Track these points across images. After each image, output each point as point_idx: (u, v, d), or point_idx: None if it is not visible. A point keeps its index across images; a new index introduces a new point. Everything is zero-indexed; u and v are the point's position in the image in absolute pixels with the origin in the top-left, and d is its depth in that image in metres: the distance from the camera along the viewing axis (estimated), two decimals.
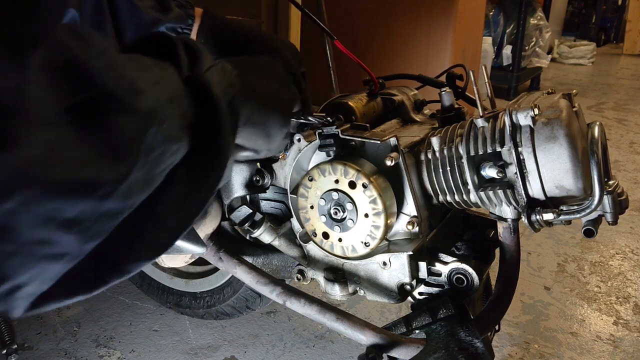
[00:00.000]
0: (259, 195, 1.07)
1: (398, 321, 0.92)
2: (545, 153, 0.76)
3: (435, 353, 0.83)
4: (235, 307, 1.39)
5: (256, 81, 0.71)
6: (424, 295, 0.94)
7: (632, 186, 2.56)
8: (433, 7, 2.63)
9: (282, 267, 1.11)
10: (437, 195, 0.89)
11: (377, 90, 1.06)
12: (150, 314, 1.56)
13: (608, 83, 5.26)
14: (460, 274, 0.90)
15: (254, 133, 0.71)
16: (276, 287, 1.00)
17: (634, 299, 1.64)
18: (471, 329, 0.85)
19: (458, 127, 0.88)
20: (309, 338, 1.46)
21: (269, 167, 0.99)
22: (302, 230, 0.97)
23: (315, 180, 0.89)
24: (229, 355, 1.40)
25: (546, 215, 0.77)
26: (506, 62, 4.18)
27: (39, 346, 1.42)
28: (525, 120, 0.77)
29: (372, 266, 0.93)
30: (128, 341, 1.45)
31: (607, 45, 8.32)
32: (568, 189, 0.77)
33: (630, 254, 1.93)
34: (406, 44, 2.75)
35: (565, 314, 1.57)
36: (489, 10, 4.06)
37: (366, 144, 0.89)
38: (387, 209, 0.85)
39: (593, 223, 0.84)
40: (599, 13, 8.12)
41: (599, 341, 1.45)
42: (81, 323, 1.51)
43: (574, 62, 6.35)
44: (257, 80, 0.71)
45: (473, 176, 0.83)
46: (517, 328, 1.50)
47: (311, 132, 0.91)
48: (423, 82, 1.16)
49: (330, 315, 0.94)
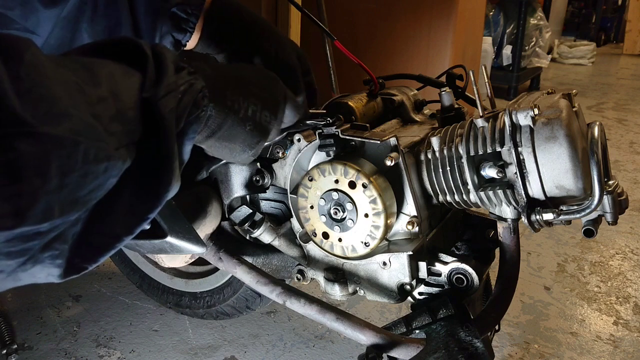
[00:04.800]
0: (259, 195, 1.07)
1: (398, 321, 0.92)
2: (545, 153, 0.76)
3: (435, 353, 0.83)
4: (235, 307, 1.39)
5: (236, 99, 0.71)
6: (424, 295, 0.94)
7: (632, 186, 2.56)
8: (433, 7, 2.62)
9: (282, 267, 1.11)
10: (437, 195, 0.89)
11: (377, 90, 1.06)
12: (150, 314, 1.56)
13: (608, 83, 5.26)
14: (460, 274, 0.90)
15: (218, 147, 0.73)
16: (276, 287, 1.00)
17: (634, 299, 1.64)
18: (471, 329, 0.85)
19: (458, 127, 0.88)
20: (309, 338, 1.46)
21: (269, 167, 0.99)
22: (302, 230, 0.97)
23: (315, 180, 0.89)
24: (229, 355, 1.40)
25: (546, 215, 0.77)
26: (506, 62, 4.18)
27: (39, 346, 1.42)
28: (525, 120, 0.77)
29: (372, 266, 0.93)
30: (128, 341, 1.45)
31: (607, 45, 8.32)
32: (568, 189, 0.77)
33: (630, 254, 1.93)
34: (406, 44, 2.75)
35: (565, 314, 1.57)
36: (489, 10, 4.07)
37: (366, 144, 0.89)
38: (387, 209, 0.85)
39: (593, 223, 0.84)
40: (599, 13, 8.12)
41: (599, 341, 1.45)
42: (81, 323, 1.51)
43: (574, 62, 6.35)
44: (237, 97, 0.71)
45: (473, 176, 0.83)
46: (517, 328, 1.50)
47: (311, 132, 0.92)
48: (423, 82, 1.17)
49: (330, 315, 0.94)
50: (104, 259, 0.53)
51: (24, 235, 0.41)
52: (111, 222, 0.52)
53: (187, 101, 0.59)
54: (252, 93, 0.74)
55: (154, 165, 0.54)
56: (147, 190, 0.54)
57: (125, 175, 0.51)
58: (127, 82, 0.52)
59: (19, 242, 0.41)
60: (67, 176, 0.42)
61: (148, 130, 0.53)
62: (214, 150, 0.74)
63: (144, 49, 0.55)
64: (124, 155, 0.50)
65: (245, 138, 0.74)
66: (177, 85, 0.57)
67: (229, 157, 0.76)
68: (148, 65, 0.54)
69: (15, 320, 1.51)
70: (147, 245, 0.81)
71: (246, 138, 0.74)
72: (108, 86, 0.49)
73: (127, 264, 1.55)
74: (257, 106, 0.74)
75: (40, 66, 0.42)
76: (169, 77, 0.56)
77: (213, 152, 0.75)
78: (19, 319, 1.52)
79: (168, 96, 0.55)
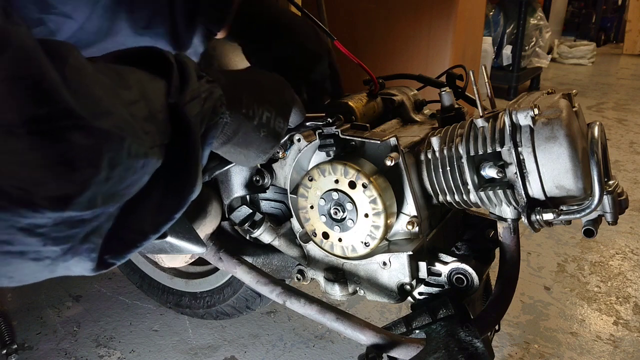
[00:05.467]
0: (259, 195, 1.07)
1: (398, 321, 0.92)
2: (545, 153, 0.76)
3: (435, 353, 0.84)
4: (235, 307, 1.39)
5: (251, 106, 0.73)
6: (424, 295, 0.94)
7: (632, 186, 2.56)
8: (433, 7, 2.62)
9: (282, 267, 1.11)
10: (437, 195, 0.89)
11: (377, 90, 1.06)
12: (150, 314, 1.56)
13: (608, 83, 5.26)
14: (460, 274, 0.90)
15: (233, 152, 0.76)
16: (276, 287, 1.00)
17: (634, 299, 1.64)
18: (471, 329, 0.85)
19: (458, 127, 0.88)
20: (309, 338, 1.46)
21: (269, 167, 0.99)
22: (302, 230, 0.97)
23: (315, 180, 0.89)
24: (229, 355, 1.40)
25: (546, 215, 0.77)
26: (506, 62, 4.18)
27: (39, 346, 1.42)
28: (525, 120, 0.77)
29: (372, 266, 0.93)
30: (128, 341, 1.45)
31: (607, 45, 8.32)
32: (568, 189, 0.77)
33: (630, 254, 1.93)
34: (406, 44, 2.75)
35: (565, 314, 1.57)
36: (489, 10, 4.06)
37: (366, 144, 0.89)
38: (387, 209, 0.85)
39: (593, 223, 0.84)
40: (599, 13, 8.11)
41: (599, 341, 1.45)
42: (81, 323, 1.51)
43: (574, 62, 6.35)
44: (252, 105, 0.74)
45: (473, 176, 0.83)
46: (517, 328, 1.50)
47: (311, 132, 0.92)
48: (423, 82, 1.17)
49: (330, 315, 0.94)
50: (130, 256, 0.55)
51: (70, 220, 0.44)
52: (140, 219, 0.54)
53: (208, 107, 0.62)
54: (266, 100, 0.76)
55: (180, 167, 0.57)
56: (173, 191, 0.57)
57: (155, 175, 0.53)
58: (155, 87, 0.55)
59: (65, 227, 0.44)
60: (114, 169, 0.46)
61: (174, 134, 0.56)
62: (230, 156, 0.77)
63: (169, 58, 0.59)
64: (158, 154, 0.53)
65: (260, 144, 0.77)
66: (200, 92, 0.61)
67: (243, 162, 0.79)
68: (173, 73, 0.58)
69: (15, 320, 1.51)
70: (148, 245, 0.81)
71: (261, 144, 0.77)
72: (138, 90, 0.52)
73: (127, 264, 1.55)
74: (271, 113, 0.77)
75: (82, 68, 0.45)
76: (192, 83, 0.59)
77: (229, 157, 0.78)
78: (19, 319, 1.52)
79: (193, 102, 0.58)
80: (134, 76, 0.53)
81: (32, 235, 0.41)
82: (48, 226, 0.42)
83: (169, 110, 0.55)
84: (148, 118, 0.51)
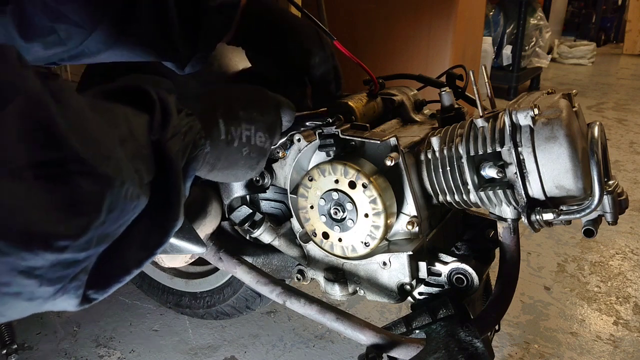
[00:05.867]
0: (259, 195, 1.07)
1: (398, 321, 0.92)
2: (545, 153, 0.76)
3: (435, 353, 0.84)
4: (235, 307, 1.39)
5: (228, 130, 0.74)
6: (424, 295, 0.94)
7: (632, 186, 2.56)
8: (433, 7, 2.62)
9: (282, 267, 1.11)
10: (437, 195, 0.89)
11: (377, 90, 1.06)
12: (150, 314, 1.56)
13: (608, 83, 5.26)
14: (460, 274, 0.90)
15: (221, 176, 0.77)
16: (276, 287, 1.00)
17: (634, 299, 1.64)
18: (471, 329, 0.85)
19: (458, 127, 0.88)
20: (309, 338, 1.46)
21: (269, 167, 0.99)
22: (302, 230, 0.97)
23: (315, 180, 0.89)
24: (229, 355, 1.40)
25: (546, 215, 0.77)
26: (506, 62, 4.18)
27: (39, 346, 1.42)
28: (525, 120, 0.77)
29: (372, 266, 0.93)
30: (128, 341, 1.45)
31: (607, 45, 8.32)
32: (568, 189, 0.77)
33: (630, 254, 1.93)
34: (406, 44, 2.75)
35: (565, 314, 1.57)
36: (489, 10, 4.06)
37: (366, 144, 0.89)
38: (387, 209, 0.85)
39: (593, 223, 0.84)
40: (599, 13, 8.11)
41: (599, 341, 1.45)
42: (81, 323, 1.51)
43: (574, 62, 6.35)
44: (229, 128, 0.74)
45: (473, 176, 0.83)
46: (517, 328, 1.50)
47: (311, 132, 0.92)
48: (423, 82, 1.16)
49: (330, 315, 0.94)
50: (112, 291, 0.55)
51: (65, 261, 0.44)
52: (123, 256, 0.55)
53: (188, 141, 0.63)
54: (243, 118, 0.76)
55: (162, 203, 0.57)
56: (157, 226, 0.57)
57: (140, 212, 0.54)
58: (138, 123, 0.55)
59: (60, 268, 0.44)
60: (111, 212, 0.47)
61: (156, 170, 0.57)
62: (219, 179, 0.78)
63: (152, 95, 0.59)
64: (147, 193, 0.53)
65: (245, 162, 0.78)
66: (180, 127, 0.61)
67: (234, 180, 0.81)
68: (155, 109, 0.58)
69: (15, 320, 1.51)
70: None
71: (246, 162, 0.78)
72: (126, 127, 0.53)
73: None
74: (250, 130, 0.77)
75: (82, 110, 0.46)
76: (173, 119, 0.60)
77: (219, 180, 0.79)
78: (18, 319, 1.52)
79: (174, 138, 0.59)
80: (121, 111, 0.54)
81: (30, 277, 0.42)
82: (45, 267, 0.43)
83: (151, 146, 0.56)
84: (136, 155, 0.52)
